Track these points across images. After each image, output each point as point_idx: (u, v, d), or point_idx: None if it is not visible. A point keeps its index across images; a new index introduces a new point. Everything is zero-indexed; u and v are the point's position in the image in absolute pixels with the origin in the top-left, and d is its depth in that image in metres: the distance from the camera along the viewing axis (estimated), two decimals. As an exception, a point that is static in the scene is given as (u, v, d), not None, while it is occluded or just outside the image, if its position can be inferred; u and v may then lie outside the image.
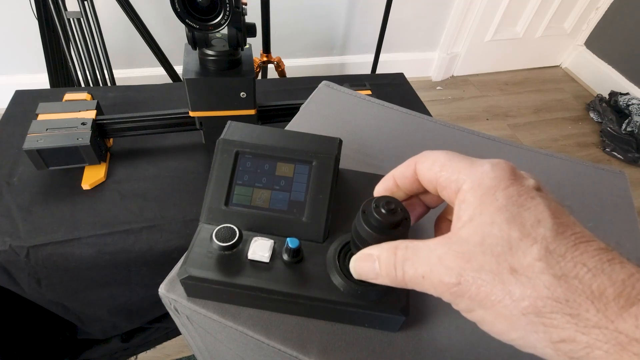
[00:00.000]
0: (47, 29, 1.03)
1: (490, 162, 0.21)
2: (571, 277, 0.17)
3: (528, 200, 0.19)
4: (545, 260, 0.18)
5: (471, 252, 0.19)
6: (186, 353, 1.04)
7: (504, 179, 0.20)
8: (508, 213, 0.19)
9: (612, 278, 0.17)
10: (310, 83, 0.78)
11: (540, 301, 0.17)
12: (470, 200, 0.20)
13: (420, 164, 0.24)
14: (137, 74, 1.63)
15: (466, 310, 0.20)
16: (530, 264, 0.18)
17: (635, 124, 1.80)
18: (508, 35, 2.05)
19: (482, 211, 0.19)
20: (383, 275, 0.23)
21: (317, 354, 0.30)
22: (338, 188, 0.36)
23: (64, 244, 0.53)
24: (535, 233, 0.18)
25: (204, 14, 0.48)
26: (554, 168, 0.50)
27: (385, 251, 0.22)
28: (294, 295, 0.29)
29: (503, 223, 0.19)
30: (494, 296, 0.18)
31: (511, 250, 0.18)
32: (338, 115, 0.52)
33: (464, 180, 0.21)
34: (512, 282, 0.18)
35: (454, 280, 0.19)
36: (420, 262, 0.21)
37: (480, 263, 0.19)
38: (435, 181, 0.23)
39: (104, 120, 0.61)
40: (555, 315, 0.17)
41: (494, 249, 0.18)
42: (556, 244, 0.18)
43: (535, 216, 0.19)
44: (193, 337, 0.40)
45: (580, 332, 0.17)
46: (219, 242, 0.28)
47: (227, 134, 0.35)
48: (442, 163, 0.23)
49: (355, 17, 1.75)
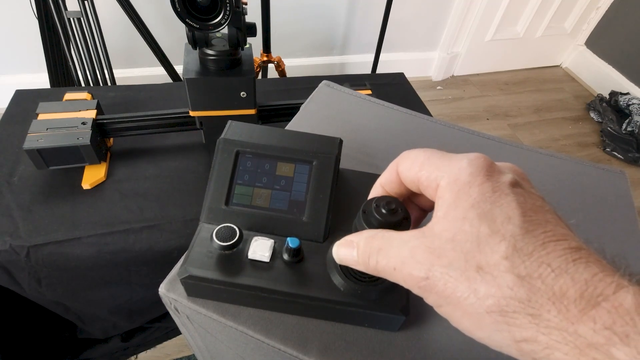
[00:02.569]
0: (47, 29, 1.03)
1: (468, 158, 0.21)
2: (534, 277, 0.17)
3: (501, 197, 0.19)
4: (511, 259, 0.18)
5: (442, 247, 0.19)
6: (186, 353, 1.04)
7: (480, 175, 0.20)
8: (480, 209, 0.19)
9: (574, 279, 0.17)
10: (311, 83, 0.78)
11: (504, 300, 0.17)
12: (447, 196, 0.20)
13: (400, 165, 0.24)
14: (137, 74, 1.63)
15: (436, 305, 0.20)
16: (496, 262, 0.18)
17: (635, 123, 1.80)
18: (508, 35, 2.05)
19: (456, 207, 0.20)
20: (360, 263, 0.23)
21: (317, 354, 0.30)
22: (338, 188, 0.36)
23: (64, 244, 0.53)
24: (504, 230, 0.18)
25: (204, 14, 0.48)
26: (554, 168, 0.50)
27: (364, 239, 0.23)
28: (294, 295, 0.29)
29: (474, 219, 0.19)
30: (459, 293, 0.18)
31: (479, 247, 0.18)
32: (338, 115, 0.52)
33: (442, 176, 0.21)
34: (478, 280, 0.18)
35: (422, 274, 0.19)
36: (393, 254, 0.21)
37: (449, 259, 0.19)
38: (417, 181, 0.23)
39: (104, 119, 0.61)
40: (518, 315, 0.17)
41: (464, 245, 0.19)
42: (524, 242, 0.18)
43: (507, 213, 0.19)
44: (193, 337, 0.40)
45: (541, 333, 0.17)
46: (220, 241, 0.28)
47: (228, 133, 0.35)
48: (421, 162, 0.23)
49: (356, 17, 1.75)
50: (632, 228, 0.44)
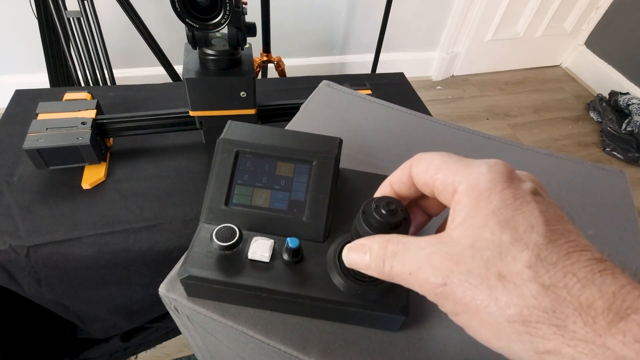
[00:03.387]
0: (47, 29, 1.03)
1: (487, 163, 0.20)
2: (560, 287, 0.17)
3: (523, 205, 0.19)
4: (535, 268, 0.17)
5: (461, 254, 0.19)
6: (186, 353, 1.04)
7: (500, 182, 0.19)
8: (501, 216, 0.18)
9: (602, 290, 0.16)
10: (310, 83, 0.78)
11: (527, 310, 0.17)
12: (465, 202, 0.20)
13: (415, 167, 0.24)
14: (137, 74, 1.63)
15: (452, 313, 0.20)
16: (519, 271, 0.17)
17: (635, 123, 1.80)
18: (508, 35, 2.05)
19: (475, 213, 0.19)
20: (372, 267, 0.22)
21: (317, 354, 0.30)
22: (338, 188, 0.36)
23: (64, 244, 0.53)
24: (527, 238, 0.18)
25: (204, 14, 0.48)
26: (554, 168, 0.50)
27: (377, 244, 0.22)
28: (294, 295, 0.29)
29: (495, 226, 0.18)
30: (479, 301, 0.18)
31: (501, 255, 0.18)
32: (338, 115, 0.52)
33: (460, 182, 0.20)
34: (499, 288, 0.17)
35: (440, 280, 0.19)
36: (409, 259, 0.20)
37: (468, 266, 0.18)
38: (431, 184, 0.22)
39: (104, 119, 0.61)
40: (542, 326, 0.16)
41: (484, 253, 0.18)
42: (548, 252, 0.17)
43: (529, 221, 0.18)
44: (193, 337, 0.40)
45: (567, 345, 0.16)
46: (219, 241, 0.28)
47: (228, 133, 0.35)
48: (437, 165, 0.22)
49: (356, 17, 1.75)
50: (632, 228, 0.44)
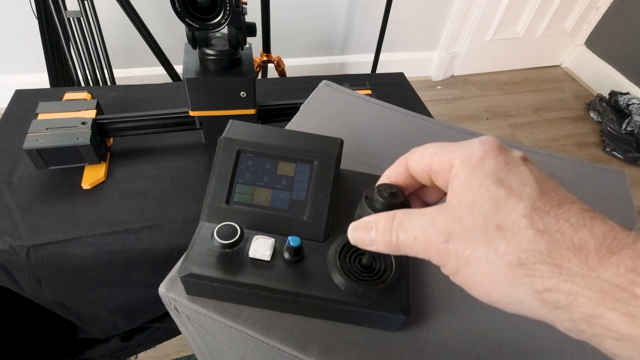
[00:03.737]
0: (47, 29, 1.03)
1: (478, 139, 0.22)
2: (554, 231, 0.18)
3: (515, 167, 0.20)
4: (530, 216, 0.18)
5: (461, 213, 0.20)
6: (186, 352, 1.04)
7: (492, 150, 0.21)
8: (495, 177, 0.20)
9: (592, 232, 0.18)
10: (310, 83, 0.78)
11: (524, 254, 0.18)
12: (462, 172, 0.21)
13: (411, 159, 0.25)
14: (137, 74, 1.63)
15: (453, 271, 0.21)
16: (516, 221, 0.19)
17: (635, 123, 1.80)
18: (508, 35, 2.05)
19: (471, 178, 0.21)
20: (379, 241, 0.23)
21: (317, 354, 0.30)
22: (338, 188, 0.36)
23: (64, 244, 0.53)
24: (521, 192, 0.19)
25: (204, 14, 0.48)
26: (554, 168, 0.50)
27: (384, 218, 0.23)
28: (294, 294, 0.29)
29: (491, 185, 0.20)
30: (480, 252, 0.19)
31: (498, 208, 0.19)
32: (338, 115, 0.52)
33: (456, 157, 0.22)
34: (498, 238, 0.19)
35: (442, 238, 0.20)
36: (414, 225, 0.22)
37: (468, 223, 0.20)
38: (428, 169, 0.24)
39: (104, 119, 0.61)
40: (539, 266, 0.18)
41: (482, 208, 0.19)
42: (541, 202, 0.19)
43: (522, 179, 0.20)
44: (193, 337, 0.40)
45: (564, 281, 0.17)
46: (220, 239, 0.28)
47: (229, 132, 0.35)
48: (432, 151, 0.23)
49: (356, 17, 1.75)
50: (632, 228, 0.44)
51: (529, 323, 0.34)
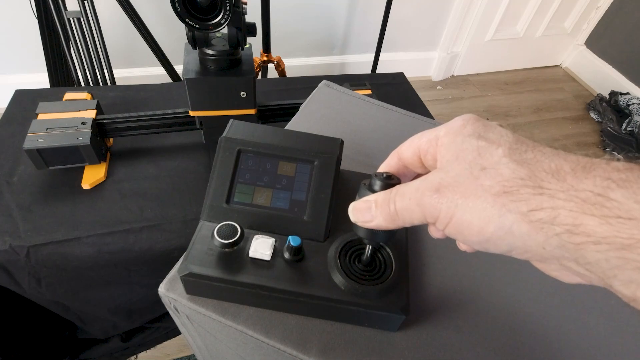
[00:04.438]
0: (47, 29, 1.03)
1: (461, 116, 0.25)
2: (532, 161, 0.20)
3: (493, 128, 0.23)
4: (509, 155, 0.21)
5: (448, 166, 0.22)
6: (186, 352, 1.04)
7: (472, 119, 0.24)
8: (476, 134, 0.23)
9: (567, 159, 0.20)
10: (310, 83, 0.78)
11: (507, 182, 0.20)
12: (446, 140, 0.24)
13: (401, 147, 0.28)
14: (137, 74, 1.63)
15: (447, 219, 0.22)
16: (497, 160, 0.21)
17: (635, 123, 1.80)
18: (508, 35, 2.05)
19: (454, 142, 0.23)
20: (378, 215, 0.25)
21: (317, 354, 0.30)
22: (338, 188, 0.36)
23: (64, 244, 0.53)
24: (499, 140, 0.22)
25: (204, 14, 0.48)
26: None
27: (382, 194, 0.25)
28: (294, 294, 0.29)
29: (472, 139, 0.22)
30: (468, 191, 0.21)
31: (480, 154, 0.22)
32: (338, 115, 0.52)
33: (440, 130, 0.24)
34: (482, 176, 0.21)
35: (435, 186, 0.22)
36: (408, 189, 0.24)
37: (456, 171, 0.22)
38: (418, 150, 0.26)
39: (104, 119, 0.61)
40: (522, 190, 0.20)
41: (466, 157, 0.22)
42: (518, 145, 0.21)
43: (499, 133, 0.23)
44: (193, 337, 0.40)
45: (546, 199, 0.19)
46: (221, 239, 0.28)
47: (230, 132, 0.35)
48: (420, 134, 0.26)
49: (356, 17, 1.75)
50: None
51: (528, 323, 0.34)
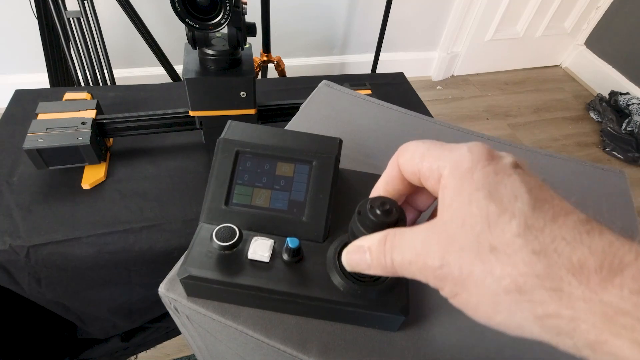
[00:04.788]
0: (47, 29, 1.03)
1: (467, 145, 0.21)
2: (550, 251, 0.17)
3: (505, 177, 0.19)
4: (524, 235, 0.17)
5: (453, 233, 0.19)
6: (186, 352, 1.04)
7: (481, 160, 0.20)
8: (485, 190, 0.19)
9: (591, 249, 0.17)
10: (310, 83, 0.78)
11: (521, 278, 0.17)
12: (451, 184, 0.20)
13: (401, 157, 0.24)
14: (137, 74, 1.63)
15: (451, 295, 0.20)
16: (509, 241, 0.18)
17: (635, 123, 1.80)
18: (508, 35, 2.05)
19: (461, 192, 0.20)
20: (374, 266, 0.23)
21: (317, 354, 0.30)
22: (337, 188, 0.36)
23: (64, 244, 0.53)
24: (512, 208, 0.18)
25: (204, 14, 0.48)
26: (554, 168, 0.50)
27: (376, 241, 0.23)
28: (294, 295, 0.29)
29: (481, 200, 0.19)
30: (475, 276, 0.18)
31: (490, 227, 0.18)
32: (338, 115, 0.52)
33: (444, 166, 0.21)
34: (493, 260, 0.18)
35: (437, 263, 0.19)
36: (407, 248, 0.21)
37: (461, 244, 0.19)
38: (418, 172, 0.23)
39: (104, 119, 0.61)
40: (537, 291, 0.17)
41: (474, 227, 0.18)
42: (534, 218, 0.18)
43: (512, 191, 0.19)
44: (193, 337, 0.40)
45: (564, 307, 0.16)
46: (219, 241, 0.28)
47: (228, 133, 0.35)
48: (421, 153, 0.23)
49: (356, 17, 1.75)
50: (632, 228, 0.44)
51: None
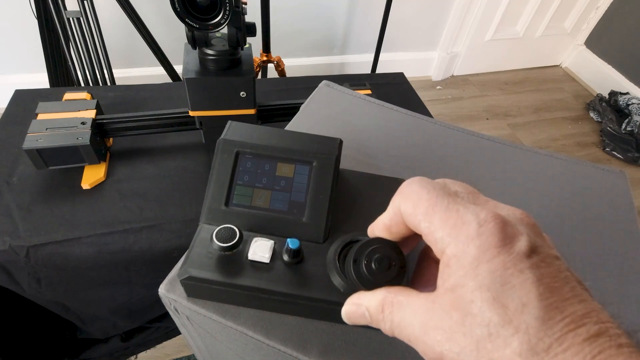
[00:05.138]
0: (47, 29, 1.03)
1: (477, 220, 0.19)
2: None
3: (514, 276, 0.18)
4: (525, 356, 0.16)
5: (453, 331, 0.18)
6: (186, 353, 1.04)
7: (490, 248, 0.18)
8: (489, 293, 0.18)
9: None
10: (310, 83, 0.78)
11: None
12: (454, 268, 0.19)
13: (403, 204, 0.22)
14: (137, 74, 1.63)
15: None
16: (509, 359, 0.17)
17: (635, 123, 1.80)
18: (508, 35, 2.05)
19: (464, 285, 0.18)
20: (375, 325, 0.23)
21: (317, 354, 0.30)
22: (338, 188, 0.36)
23: (63, 244, 0.53)
24: (517, 320, 0.17)
25: (204, 14, 0.48)
26: (554, 168, 0.50)
27: (374, 305, 0.22)
28: (294, 296, 0.29)
29: (484, 304, 0.17)
30: None
31: (490, 337, 0.17)
32: (338, 115, 0.52)
33: (448, 243, 0.19)
34: None
35: (435, 354, 0.19)
36: (406, 325, 0.20)
37: (460, 346, 0.18)
38: (418, 230, 0.21)
39: (104, 119, 0.61)
40: None
41: (474, 331, 0.18)
42: (540, 336, 0.17)
43: (520, 298, 0.17)
44: (193, 337, 0.40)
45: None
46: (219, 242, 0.28)
47: (228, 134, 0.35)
48: (424, 211, 0.21)
49: (355, 17, 1.75)
50: (632, 228, 0.44)
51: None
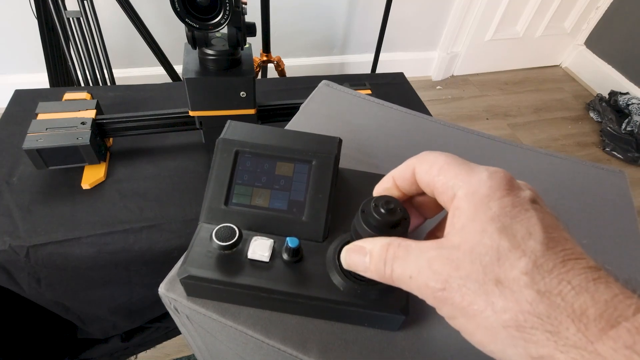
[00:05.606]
0: (47, 29, 1.03)
1: (488, 170, 0.21)
2: (554, 294, 0.17)
3: (521, 212, 0.19)
4: (531, 274, 0.17)
5: (460, 259, 0.19)
6: (186, 352, 1.04)
7: (500, 189, 0.20)
8: (500, 223, 0.19)
9: (595, 298, 0.17)
10: (310, 82, 0.78)
11: (522, 315, 0.17)
12: (464, 207, 0.20)
13: (419, 166, 0.24)
14: (137, 74, 1.63)
15: (449, 316, 0.20)
16: (516, 278, 0.18)
17: (635, 123, 1.80)
18: (508, 35, 2.05)
19: (474, 219, 0.19)
20: (372, 270, 0.23)
21: (317, 354, 0.30)
22: (337, 187, 0.36)
23: (63, 244, 0.53)
24: (525, 245, 0.18)
25: (204, 13, 0.48)
26: (554, 168, 0.50)
27: (378, 246, 0.22)
28: (293, 295, 0.29)
29: (494, 232, 0.19)
30: (476, 306, 0.18)
31: (499, 260, 0.18)
32: (338, 115, 0.52)
33: (460, 186, 0.21)
34: (496, 293, 0.18)
35: (439, 285, 0.19)
36: (410, 262, 0.21)
37: (467, 271, 0.19)
38: (432, 185, 0.23)
39: (104, 119, 0.61)
40: (535, 332, 0.17)
41: (483, 258, 0.18)
42: (544, 259, 0.18)
43: (527, 228, 0.19)
44: (193, 337, 0.40)
45: (559, 351, 0.16)
46: (219, 241, 0.28)
47: (227, 133, 0.35)
48: (440, 167, 0.22)
49: (356, 17, 1.75)
50: (631, 228, 0.44)
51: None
